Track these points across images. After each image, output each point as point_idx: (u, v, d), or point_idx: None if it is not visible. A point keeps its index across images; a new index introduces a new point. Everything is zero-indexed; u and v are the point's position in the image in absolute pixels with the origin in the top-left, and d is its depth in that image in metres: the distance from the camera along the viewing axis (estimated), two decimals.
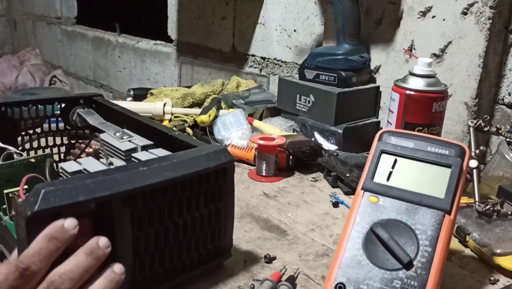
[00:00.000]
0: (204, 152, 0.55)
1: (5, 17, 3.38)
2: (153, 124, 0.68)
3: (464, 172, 0.53)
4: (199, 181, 0.53)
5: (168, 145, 0.63)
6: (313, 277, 0.61)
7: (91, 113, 0.78)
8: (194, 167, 0.52)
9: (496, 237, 0.67)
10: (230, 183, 0.58)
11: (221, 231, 0.58)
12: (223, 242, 0.59)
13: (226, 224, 0.59)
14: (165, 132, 0.65)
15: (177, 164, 0.51)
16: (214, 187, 0.55)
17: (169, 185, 0.50)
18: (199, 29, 1.73)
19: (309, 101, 1.09)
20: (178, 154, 0.54)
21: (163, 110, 1.16)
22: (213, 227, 0.57)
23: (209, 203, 0.55)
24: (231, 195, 0.58)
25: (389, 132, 0.57)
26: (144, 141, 0.65)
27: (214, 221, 0.57)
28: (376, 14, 1.10)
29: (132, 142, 0.65)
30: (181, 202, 0.52)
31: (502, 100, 0.98)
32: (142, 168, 0.49)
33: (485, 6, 0.91)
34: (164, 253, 0.52)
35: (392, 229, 0.50)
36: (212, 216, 0.56)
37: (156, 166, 0.50)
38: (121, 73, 2.29)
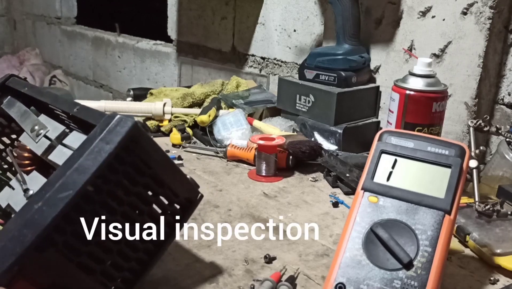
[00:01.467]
0: (99, 137, 0.48)
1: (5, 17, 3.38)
2: (56, 104, 0.60)
3: (464, 172, 0.53)
4: (111, 170, 0.48)
5: (78, 123, 0.57)
6: (313, 277, 0.61)
7: (12, 104, 0.68)
8: (93, 165, 0.46)
9: (496, 237, 0.67)
10: (149, 145, 0.51)
11: (173, 188, 0.54)
12: (184, 194, 0.56)
13: (173, 179, 0.54)
14: (68, 112, 0.57)
15: (74, 173, 0.46)
16: (133, 161, 0.50)
17: (77, 201, 0.45)
18: (199, 29, 1.73)
19: (309, 101, 1.09)
20: (72, 157, 0.48)
21: (163, 110, 1.16)
22: (162, 192, 0.54)
23: (139, 179, 0.51)
24: (158, 154, 0.52)
25: (389, 132, 0.57)
26: (58, 129, 0.58)
27: (158, 188, 0.53)
28: (376, 14, 1.10)
29: (47, 138, 0.58)
30: (105, 201, 0.48)
31: (502, 100, 0.98)
32: (37, 206, 0.44)
33: (485, 6, 0.91)
34: (124, 250, 0.51)
35: (392, 229, 0.50)
36: (152, 185, 0.53)
37: (50, 194, 0.44)
38: (121, 73, 2.29)
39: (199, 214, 0.76)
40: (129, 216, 0.51)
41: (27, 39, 3.25)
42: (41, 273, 0.44)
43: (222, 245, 0.67)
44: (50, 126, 0.60)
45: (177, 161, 0.97)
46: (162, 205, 0.55)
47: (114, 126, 0.48)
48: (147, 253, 0.54)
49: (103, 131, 0.48)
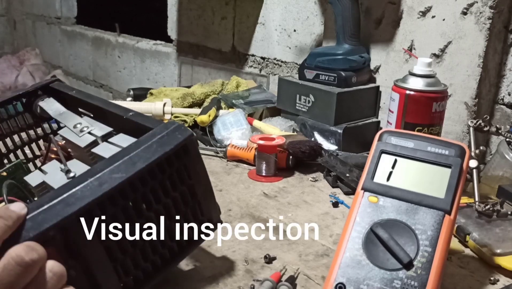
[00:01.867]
0: (157, 136, 0.51)
1: (5, 17, 3.38)
2: (109, 108, 0.63)
3: (464, 172, 0.53)
4: (160, 169, 0.51)
5: (126, 127, 0.60)
6: (313, 277, 0.61)
7: (51, 104, 0.72)
8: (147, 158, 0.49)
9: (496, 237, 0.67)
10: (195, 157, 0.55)
11: (202, 205, 0.57)
12: (208, 215, 0.58)
13: (205, 197, 0.57)
14: (121, 115, 0.60)
15: (128, 161, 0.48)
16: (179, 168, 0.53)
17: (126, 186, 0.47)
18: (199, 29, 1.73)
19: (309, 101, 1.09)
20: (129, 147, 0.50)
21: (163, 110, 1.16)
22: (191, 205, 0.56)
23: (178, 185, 0.53)
24: (201, 169, 0.56)
25: (389, 132, 0.57)
26: (104, 129, 0.61)
27: (191, 199, 0.55)
28: (376, 14, 1.10)
29: (92, 134, 0.61)
30: (146, 196, 0.50)
31: (502, 100, 0.98)
32: (90, 179, 0.46)
33: (485, 6, 0.91)
34: (146, 248, 0.51)
35: (392, 229, 0.50)
36: (187, 196, 0.55)
37: (105, 172, 0.47)
38: (121, 73, 2.29)
39: None
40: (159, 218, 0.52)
41: (27, 39, 3.25)
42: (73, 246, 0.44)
43: (222, 245, 0.67)
44: (96, 126, 0.63)
45: None
46: (188, 218, 0.56)
47: (172, 131, 0.52)
48: (162, 259, 0.54)
49: (162, 132, 0.52)
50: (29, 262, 0.38)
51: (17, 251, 0.38)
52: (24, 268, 0.38)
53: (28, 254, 0.38)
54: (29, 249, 0.39)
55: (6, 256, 0.38)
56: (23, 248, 0.39)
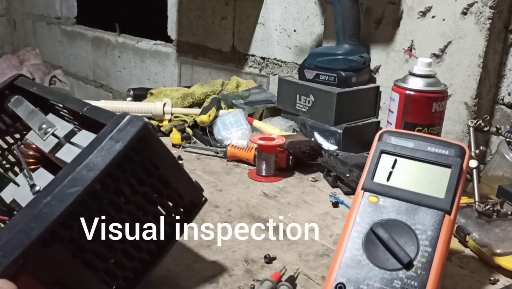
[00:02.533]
0: (110, 134, 0.48)
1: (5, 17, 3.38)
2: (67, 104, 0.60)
3: (464, 172, 0.53)
4: (119, 169, 0.48)
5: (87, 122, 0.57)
6: (313, 277, 0.61)
7: (19, 102, 0.68)
8: (103, 162, 0.46)
9: (496, 237, 0.67)
10: (157, 146, 0.52)
11: (179, 190, 0.55)
12: (189, 196, 0.56)
13: (179, 181, 0.55)
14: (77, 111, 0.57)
15: (83, 170, 0.46)
16: (141, 161, 0.50)
17: (85, 198, 0.46)
18: (199, 29, 1.73)
19: (309, 101, 1.09)
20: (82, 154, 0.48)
21: (163, 110, 1.16)
22: (167, 194, 0.54)
23: (145, 178, 0.51)
24: (166, 155, 0.53)
25: (389, 132, 0.57)
26: (66, 128, 0.58)
27: (164, 188, 0.53)
28: (376, 14, 1.10)
29: (55, 136, 0.58)
30: (112, 200, 0.49)
31: (502, 100, 0.98)
32: (45, 200, 0.44)
33: (485, 6, 0.91)
34: (128, 249, 0.50)
35: (392, 229, 0.50)
36: (158, 186, 0.53)
37: (59, 188, 0.45)
38: (121, 73, 2.29)
39: (199, 213, 0.76)
40: (134, 216, 0.51)
41: (27, 39, 3.25)
42: (46, 268, 0.44)
43: (222, 245, 0.67)
44: (59, 125, 0.60)
45: None
46: (166, 206, 0.55)
47: (124, 126, 0.49)
48: (149, 254, 0.54)
49: (113, 130, 0.48)
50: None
51: None
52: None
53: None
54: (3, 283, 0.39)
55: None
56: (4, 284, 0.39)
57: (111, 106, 1.15)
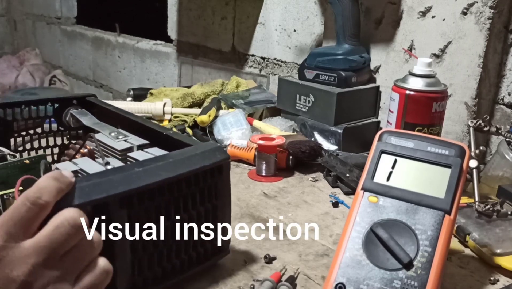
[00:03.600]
0: (200, 151, 0.55)
1: (5, 17, 3.38)
2: (147, 124, 0.68)
3: (464, 172, 0.53)
4: (195, 180, 0.53)
5: (163, 144, 0.63)
6: (313, 277, 0.61)
7: (84, 114, 0.77)
8: (189, 166, 0.52)
9: (496, 237, 0.67)
10: (226, 181, 0.58)
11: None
12: (221, 240, 0.59)
13: (223, 221, 0.59)
14: (160, 131, 0.65)
15: (172, 164, 0.52)
16: (210, 185, 0.56)
17: (165, 185, 0.50)
18: (199, 29, 1.73)
19: (309, 101, 1.09)
20: (173, 153, 0.54)
21: (163, 110, 1.16)
22: (208, 226, 0.57)
23: (206, 201, 0.56)
24: (227, 193, 0.59)
25: (389, 132, 0.57)
26: (140, 141, 0.65)
27: (211, 219, 0.57)
28: (376, 14, 1.10)
29: (128, 142, 0.65)
30: (178, 201, 0.52)
31: (502, 100, 0.98)
32: (137, 169, 0.49)
33: (485, 6, 0.91)
34: (163, 253, 0.52)
35: (392, 229, 0.50)
36: (209, 214, 0.56)
37: (152, 166, 0.50)
38: (121, 73, 2.29)
39: None
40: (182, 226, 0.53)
41: (27, 39, 3.25)
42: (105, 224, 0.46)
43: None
44: (131, 136, 0.66)
45: None
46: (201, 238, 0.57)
47: (213, 150, 0.56)
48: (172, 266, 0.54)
49: (203, 149, 0.56)
50: (80, 224, 0.40)
51: (71, 213, 0.40)
52: (75, 229, 0.40)
53: (80, 217, 0.41)
54: (81, 214, 0.41)
55: (59, 216, 0.40)
56: (77, 211, 0.41)
57: None
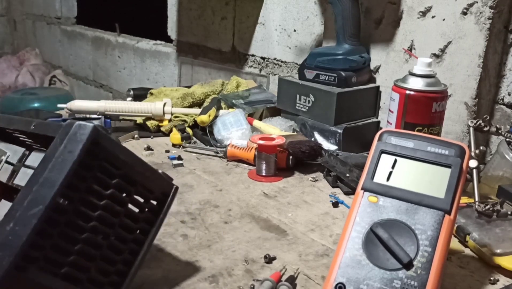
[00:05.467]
0: (60, 147, 0.47)
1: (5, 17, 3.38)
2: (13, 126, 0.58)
3: (464, 172, 0.53)
4: (78, 178, 0.47)
5: (36, 140, 0.56)
6: (313, 277, 0.61)
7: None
8: (59, 176, 0.45)
9: (496, 237, 0.67)
10: (112, 147, 0.50)
11: (146, 185, 0.54)
12: (160, 188, 0.56)
13: (144, 176, 0.54)
14: (25, 130, 0.55)
15: (40, 188, 0.44)
16: (100, 165, 0.49)
17: (49, 214, 0.44)
18: (199, 29, 1.73)
19: (309, 101, 1.09)
20: (36, 172, 0.46)
21: (163, 110, 1.16)
22: (135, 190, 0.53)
23: (109, 182, 0.50)
24: (124, 153, 0.52)
25: (389, 132, 0.57)
26: (17, 152, 0.57)
27: (131, 187, 0.52)
28: (376, 14, 1.10)
29: (9, 163, 0.57)
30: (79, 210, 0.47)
31: (502, 100, 0.98)
32: (8, 227, 0.42)
33: (485, 6, 0.91)
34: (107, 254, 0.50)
35: (392, 229, 0.50)
36: (124, 186, 0.52)
37: (20, 213, 0.43)
38: (121, 73, 2.29)
39: (199, 214, 0.76)
40: (106, 220, 0.50)
41: (27, 39, 3.25)
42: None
43: (222, 245, 0.67)
44: (10, 151, 0.58)
45: (177, 160, 0.97)
46: (137, 203, 0.54)
47: (73, 134, 0.47)
48: (131, 253, 0.53)
49: (63, 141, 0.47)
50: None
51: None
52: None
53: None
54: None
55: None
56: None
57: (111, 106, 1.15)
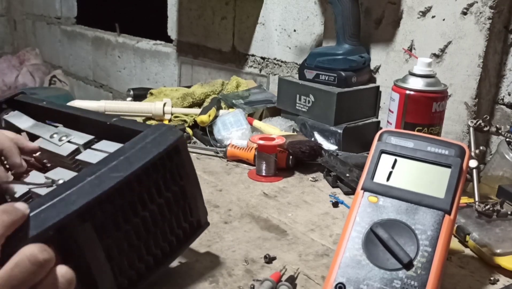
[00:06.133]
0: (150, 137, 0.52)
1: (5, 17, 3.38)
2: (89, 115, 0.62)
3: (464, 171, 0.53)
4: (154, 169, 0.51)
5: (110, 134, 0.59)
6: (313, 277, 0.61)
7: (19, 117, 0.69)
8: (143, 158, 0.50)
9: (496, 237, 0.67)
10: (186, 158, 0.56)
11: (191, 206, 0.57)
12: (197, 216, 0.59)
13: (195, 198, 0.58)
14: (104, 121, 0.60)
15: (125, 161, 0.49)
16: (171, 168, 0.53)
17: (123, 186, 0.47)
18: (199, 29, 1.73)
19: (309, 101, 1.09)
20: (125, 148, 0.51)
21: (163, 110, 1.16)
22: (182, 206, 0.56)
23: (171, 186, 0.54)
24: (191, 170, 0.57)
25: (389, 132, 0.57)
26: (85, 138, 0.60)
27: (182, 200, 0.56)
28: (376, 14, 1.10)
29: (72, 143, 0.60)
30: (141, 196, 0.50)
31: (502, 100, 0.98)
32: (89, 178, 0.46)
33: (485, 6, 0.91)
34: (140, 248, 0.51)
35: (392, 229, 0.50)
36: (178, 196, 0.55)
37: (104, 170, 0.47)
38: (121, 73, 2.29)
39: None
40: (155, 216, 0.52)
41: (27, 39, 3.25)
42: (71, 245, 0.44)
43: (222, 245, 0.67)
44: (74, 135, 0.61)
45: None
46: (178, 218, 0.56)
47: (164, 132, 0.53)
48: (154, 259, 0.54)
49: (154, 134, 0.53)
50: (42, 261, 0.39)
51: (31, 250, 0.39)
52: (37, 267, 0.39)
53: (42, 253, 0.39)
54: (42, 249, 0.39)
55: (19, 253, 0.39)
56: (37, 247, 0.39)
57: (111, 106, 1.14)
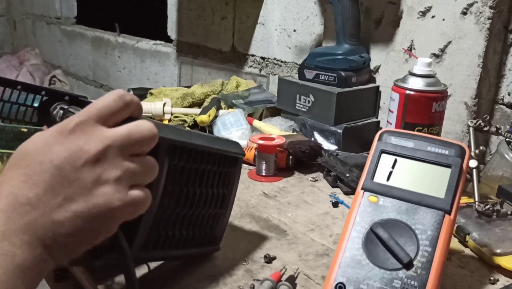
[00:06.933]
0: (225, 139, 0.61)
1: (4, 17, 3.37)
2: None
3: (464, 171, 0.53)
4: (222, 160, 0.57)
5: None
6: (313, 277, 0.61)
7: (77, 111, 0.72)
8: (222, 146, 0.58)
9: (496, 237, 0.67)
10: (238, 174, 0.62)
11: (219, 218, 0.60)
12: (215, 231, 0.61)
13: (224, 214, 0.61)
14: None
15: (210, 138, 0.58)
16: (228, 172, 0.59)
17: (204, 152, 0.54)
18: (199, 29, 1.73)
19: (308, 101, 1.09)
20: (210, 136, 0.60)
21: (162, 110, 1.16)
22: (215, 211, 0.59)
23: (220, 186, 0.58)
24: (235, 187, 0.62)
25: (389, 132, 0.57)
26: None
27: (219, 205, 0.59)
28: (376, 14, 1.10)
29: None
30: (203, 173, 0.55)
31: (502, 100, 0.98)
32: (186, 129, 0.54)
33: (484, 6, 0.91)
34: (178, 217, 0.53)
35: (392, 229, 0.50)
36: (218, 200, 0.59)
37: (196, 133, 0.56)
38: (120, 73, 2.29)
39: None
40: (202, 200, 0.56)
41: (27, 39, 3.24)
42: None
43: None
44: None
45: None
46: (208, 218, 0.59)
47: (234, 143, 0.62)
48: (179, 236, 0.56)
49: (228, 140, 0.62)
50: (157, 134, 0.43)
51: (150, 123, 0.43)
52: (151, 135, 0.43)
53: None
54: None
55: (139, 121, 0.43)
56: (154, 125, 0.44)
57: None
